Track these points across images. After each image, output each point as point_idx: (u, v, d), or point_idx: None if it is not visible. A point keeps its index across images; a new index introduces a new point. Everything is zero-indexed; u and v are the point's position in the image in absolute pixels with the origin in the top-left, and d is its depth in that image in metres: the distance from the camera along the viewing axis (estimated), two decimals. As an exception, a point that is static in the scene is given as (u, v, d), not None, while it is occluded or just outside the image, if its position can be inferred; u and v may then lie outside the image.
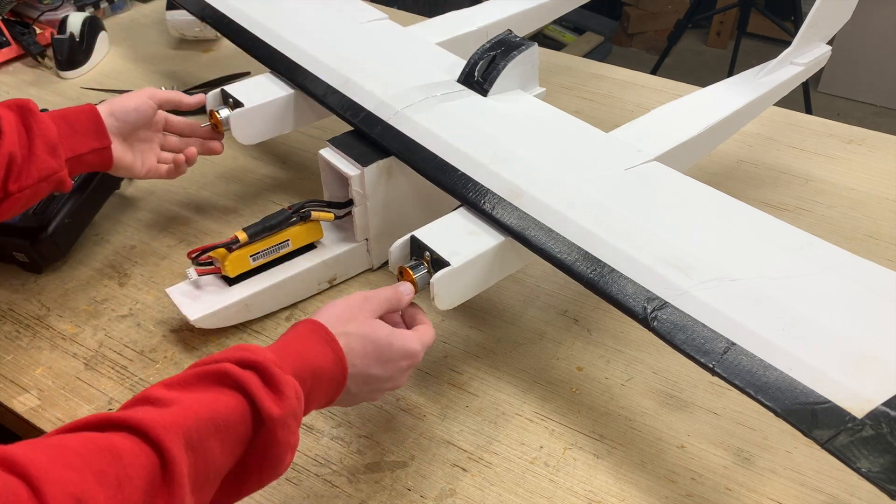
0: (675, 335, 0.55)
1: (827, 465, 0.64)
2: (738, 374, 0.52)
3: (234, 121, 0.83)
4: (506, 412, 0.69)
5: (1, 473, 0.35)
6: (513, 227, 0.64)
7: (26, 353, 0.76)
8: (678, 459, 0.65)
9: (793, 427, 0.49)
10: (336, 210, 0.78)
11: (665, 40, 2.56)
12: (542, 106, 0.80)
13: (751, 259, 0.59)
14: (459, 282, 0.64)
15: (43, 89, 1.19)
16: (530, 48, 0.81)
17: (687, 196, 0.67)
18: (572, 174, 0.69)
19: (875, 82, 2.67)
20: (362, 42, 0.91)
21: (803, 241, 0.61)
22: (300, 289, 0.80)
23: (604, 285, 0.59)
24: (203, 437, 0.43)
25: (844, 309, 0.55)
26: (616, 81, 1.20)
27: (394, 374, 0.58)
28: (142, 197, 0.96)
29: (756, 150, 1.04)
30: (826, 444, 0.47)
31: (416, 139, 0.74)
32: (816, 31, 0.89)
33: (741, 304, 0.55)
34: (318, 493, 0.63)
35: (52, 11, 1.33)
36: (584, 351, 0.75)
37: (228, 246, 0.73)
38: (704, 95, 0.86)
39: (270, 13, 0.96)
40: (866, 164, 1.01)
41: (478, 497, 0.63)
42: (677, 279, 0.57)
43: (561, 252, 0.62)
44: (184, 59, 1.28)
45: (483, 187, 0.68)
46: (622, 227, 0.63)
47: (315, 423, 0.68)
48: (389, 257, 0.65)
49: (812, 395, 0.49)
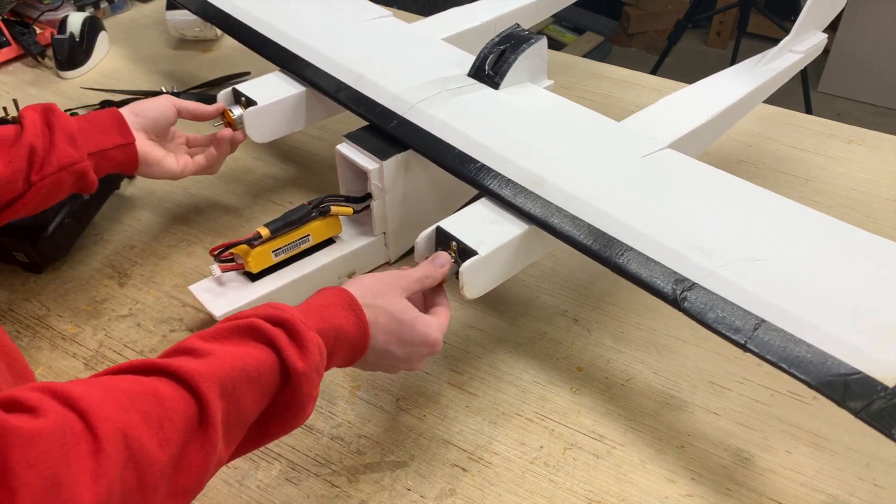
0: (705, 314, 0.56)
1: (827, 466, 0.65)
2: (770, 350, 0.54)
3: (248, 119, 0.83)
4: (506, 412, 0.69)
5: (59, 407, 0.38)
6: (537, 215, 0.66)
7: (26, 353, 0.76)
8: (678, 459, 0.65)
9: (827, 398, 0.51)
10: (354, 205, 0.79)
11: (665, 40, 2.56)
12: (553, 97, 0.81)
13: (772, 240, 0.62)
14: (487, 270, 0.65)
15: (43, 89, 1.19)
16: (539, 41, 0.82)
17: (704, 181, 0.70)
18: (590, 162, 0.71)
19: (875, 82, 2.67)
20: (370, 39, 0.92)
21: (821, 222, 0.64)
22: (321, 283, 0.80)
23: (632, 269, 0.61)
24: (236, 387, 0.46)
25: (866, 284, 0.57)
26: (616, 81, 1.20)
27: (411, 356, 0.60)
28: (142, 197, 0.96)
29: (756, 150, 1.04)
30: (860, 414, 0.49)
31: (433, 132, 0.75)
32: (813, 19, 0.91)
33: (767, 282, 0.57)
34: (318, 493, 0.63)
35: (52, 11, 1.33)
36: (584, 351, 0.75)
37: (250, 242, 0.73)
38: (710, 84, 0.88)
39: (275, 12, 0.96)
40: (866, 164, 1.01)
41: (478, 497, 0.63)
42: (703, 261, 0.59)
43: (586, 238, 0.63)
44: (184, 59, 1.28)
45: (504, 177, 0.69)
46: (644, 212, 0.64)
47: (315, 423, 0.68)
48: (416, 248, 0.67)
49: (843, 367, 0.51)
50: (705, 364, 0.74)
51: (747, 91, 0.85)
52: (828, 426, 0.68)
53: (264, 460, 0.65)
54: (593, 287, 0.82)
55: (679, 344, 0.76)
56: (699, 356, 0.74)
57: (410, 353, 0.59)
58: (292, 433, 0.67)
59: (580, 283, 0.83)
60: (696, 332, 0.77)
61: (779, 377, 0.72)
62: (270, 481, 0.64)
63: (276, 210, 0.93)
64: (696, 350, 0.75)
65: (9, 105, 0.96)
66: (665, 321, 0.78)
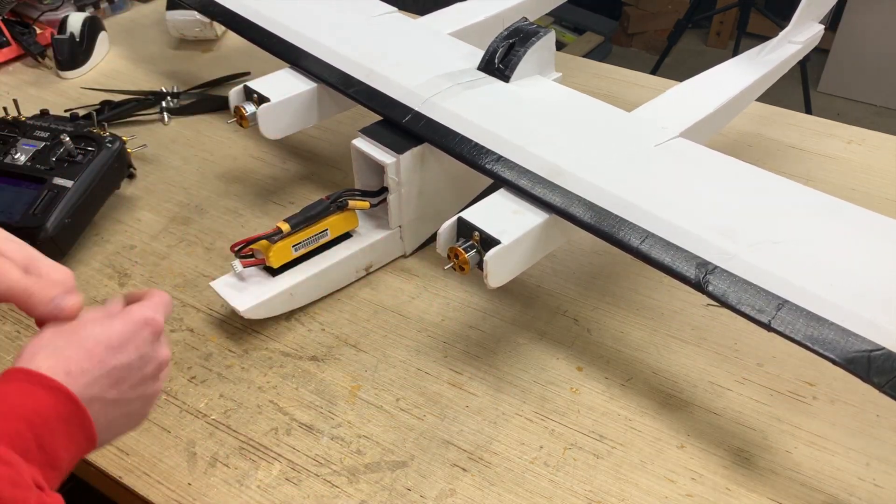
0: (729, 296, 0.58)
1: (827, 466, 0.65)
2: (794, 329, 0.55)
3: (262, 116, 0.84)
4: (506, 412, 0.69)
5: None
6: (557, 204, 0.67)
7: (26, 353, 0.76)
8: (678, 459, 0.65)
9: (852, 374, 0.52)
10: (371, 199, 0.79)
11: (665, 40, 2.56)
12: (563, 89, 0.82)
13: (789, 223, 0.63)
14: (510, 259, 0.66)
15: (43, 89, 1.19)
16: (547, 34, 0.83)
17: (717, 167, 0.71)
18: (605, 151, 0.72)
19: (875, 82, 2.67)
20: (378, 34, 0.92)
21: (834, 205, 0.66)
22: (340, 277, 0.81)
23: (655, 254, 0.61)
24: None
25: (883, 263, 0.59)
26: (616, 81, 1.20)
27: (144, 350, 0.49)
28: (142, 197, 0.96)
29: (756, 150, 1.04)
30: (884, 388, 0.51)
31: (449, 126, 0.76)
32: (811, 10, 0.94)
33: (787, 264, 0.59)
34: (318, 493, 0.63)
35: (52, 11, 1.33)
36: (584, 351, 0.75)
37: (271, 237, 0.74)
38: (714, 74, 0.90)
39: (282, 8, 0.97)
40: (866, 164, 1.01)
41: (478, 497, 0.63)
42: (724, 244, 0.60)
43: (608, 226, 0.64)
44: (184, 59, 1.28)
45: (522, 168, 0.70)
46: (662, 198, 0.66)
47: (315, 423, 0.68)
48: (438, 239, 0.68)
49: (866, 343, 0.53)
50: (705, 364, 0.74)
51: (751, 81, 0.87)
52: (828, 426, 0.68)
53: (264, 460, 0.65)
54: (593, 287, 0.82)
55: (679, 344, 0.76)
56: (699, 356, 0.74)
57: (137, 349, 0.48)
58: (292, 433, 0.67)
59: (580, 283, 0.83)
60: (696, 332, 0.77)
61: (779, 377, 0.72)
62: (270, 481, 0.64)
63: (276, 210, 0.93)
64: (696, 350, 0.75)
65: (9, 105, 0.96)
66: (665, 321, 0.78)
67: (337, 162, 1.02)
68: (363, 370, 0.73)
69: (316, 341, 0.76)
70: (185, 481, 0.64)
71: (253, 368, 0.73)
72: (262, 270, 0.77)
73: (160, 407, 0.70)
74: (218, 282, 0.76)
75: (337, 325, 0.78)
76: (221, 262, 0.86)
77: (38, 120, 0.94)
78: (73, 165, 0.86)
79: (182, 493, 0.63)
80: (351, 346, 0.76)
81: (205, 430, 0.68)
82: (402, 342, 0.76)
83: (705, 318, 0.78)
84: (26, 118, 0.94)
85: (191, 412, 0.69)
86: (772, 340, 0.58)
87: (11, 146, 0.88)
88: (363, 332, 0.77)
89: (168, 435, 0.67)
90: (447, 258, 0.67)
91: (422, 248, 0.87)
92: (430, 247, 0.88)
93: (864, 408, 0.69)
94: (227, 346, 0.76)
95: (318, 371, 0.73)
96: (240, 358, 0.75)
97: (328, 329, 0.78)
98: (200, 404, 0.70)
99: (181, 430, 0.68)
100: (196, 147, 1.05)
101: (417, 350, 0.75)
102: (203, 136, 1.08)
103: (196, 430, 0.68)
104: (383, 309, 0.80)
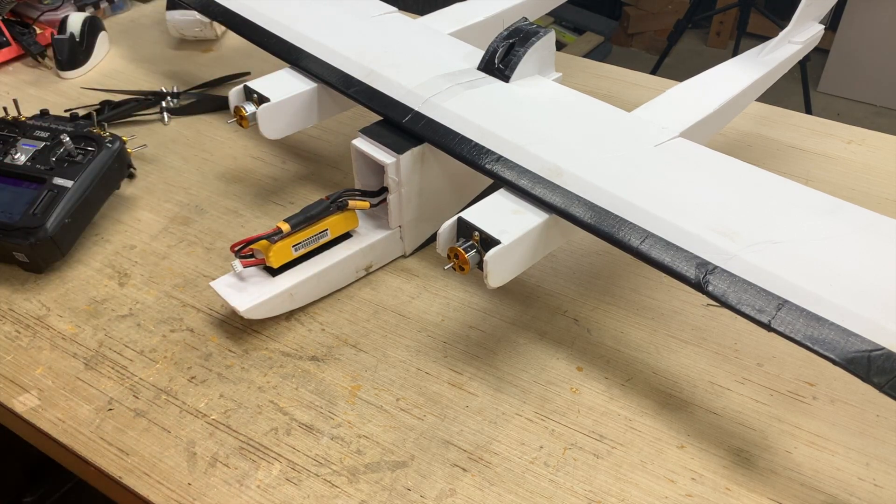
0: (729, 296, 0.58)
1: (827, 466, 0.65)
2: (794, 329, 0.55)
3: (262, 116, 0.84)
4: (506, 412, 0.69)
5: None
6: (557, 204, 0.67)
7: (26, 353, 0.76)
8: (678, 459, 0.65)
9: (852, 374, 0.52)
10: (371, 199, 0.79)
11: (665, 40, 2.56)
12: (563, 89, 0.82)
13: (789, 223, 0.63)
14: (510, 259, 0.66)
15: (43, 89, 1.19)
16: (547, 34, 0.83)
17: (718, 167, 0.71)
18: (605, 151, 0.72)
19: (875, 82, 2.67)
20: (378, 34, 0.93)
21: (834, 205, 0.66)
22: (340, 277, 0.81)
23: (655, 254, 0.61)
24: None
25: (883, 263, 0.59)
26: (616, 81, 1.20)
27: None
28: (142, 197, 0.96)
29: (756, 150, 1.04)
30: (884, 388, 0.51)
31: (449, 125, 0.76)
32: (811, 10, 0.94)
33: (787, 264, 0.59)
34: (318, 493, 0.63)
35: (52, 11, 1.33)
36: (584, 351, 0.75)
37: (271, 237, 0.74)
38: (714, 74, 0.90)
39: (281, 9, 0.97)
40: (866, 164, 1.01)
41: (478, 497, 0.63)
42: (724, 245, 0.60)
43: (607, 226, 0.64)
44: (184, 59, 1.28)
45: (522, 168, 0.70)
46: (662, 198, 0.66)
47: (315, 423, 0.68)
48: (438, 239, 0.68)
49: (866, 343, 0.53)
50: (705, 364, 0.74)
51: (751, 81, 0.87)
52: (828, 426, 0.68)
53: (264, 460, 0.65)
54: (593, 287, 0.82)
55: (679, 344, 0.76)
56: (699, 356, 0.74)
57: None
58: (292, 433, 0.67)
59: (580, 284, 0.83)
60: (696, 333, 0.77)
61: (779, 377, 0.72)
62: (270, 481, 0.64)
63: (276, 210, 0.93)
64: (696, 350, 0.75)
65: (9, 105, 0.96)
66: (665, 321, 0.78)
67: (337, 162, 1.02)
68: (363, 370, 0.73)
69: (316, 341, 0.76)
70: (185, 481, 0.64)
71: (253, 368, 0.73)
72: (262, 270, 0.77)
73: (160, 407, 0.70)
74: (218, 282, 0.76)
75: (337, 325, 0.78)
76: (221, 262, 0.86)
77: (38, 120, 0.94)
78: (73, 165, 0.86)
79: (182, 493, 0.63)
80: (351, 346, 0.76)
81: (205, 430, 0.68)
82: (402, 342, 0.76)
83: (705, 318, 0.78)
84: (26, 118, 0.94)
85: (191, 412, 0.69)
86: (772, 340, 0.58)
87: (11, 146, 0.88)
88: (363, 332, 0.77)
89: (168, 435, 0.67)
90: (447, 258, 0.67)
91: (422, 248, 0.87)
92: (430, 247, 0.88)
93: (864, 408, 0.69)
94: (227, 346, 0.76)
95: (318, 371, 0.73)
96: (240, 358, 0.75)
97: (328, 329, 0.78)
98: (200, 404, 0.70)
99: (181, 430, 0.68)
100: (196, 147, 1.05)
101: (417, 350, 0.75)
102: (203, 136, 1.08)
103: (196, 430, 0.68)
104: (383, 309, 0.80)
